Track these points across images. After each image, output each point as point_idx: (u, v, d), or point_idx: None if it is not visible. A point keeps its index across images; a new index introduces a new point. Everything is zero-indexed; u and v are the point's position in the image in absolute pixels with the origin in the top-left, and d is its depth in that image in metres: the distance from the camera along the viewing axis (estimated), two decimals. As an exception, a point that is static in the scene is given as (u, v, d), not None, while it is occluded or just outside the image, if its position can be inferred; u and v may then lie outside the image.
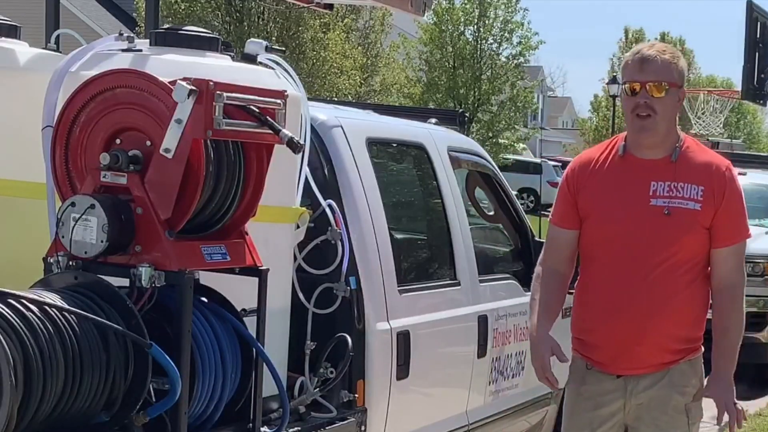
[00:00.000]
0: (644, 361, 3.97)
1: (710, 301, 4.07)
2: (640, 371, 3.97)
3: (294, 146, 3.57)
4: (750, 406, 10.13)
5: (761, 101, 17.20)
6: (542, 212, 19.23)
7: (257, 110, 3.54)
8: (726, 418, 3.89)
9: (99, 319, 3.15)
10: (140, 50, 4.01)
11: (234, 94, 3.46)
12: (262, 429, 3.74)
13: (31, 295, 3.08)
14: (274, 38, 24.18)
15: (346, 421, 4.60)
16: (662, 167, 3.96)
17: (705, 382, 4.07)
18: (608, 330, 3.99)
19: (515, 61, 33.59)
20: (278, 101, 3.62)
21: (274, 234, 4.18)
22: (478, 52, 33.39)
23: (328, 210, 4.60)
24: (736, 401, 3.93)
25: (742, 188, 4.06)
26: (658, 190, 3.93)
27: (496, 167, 6.47)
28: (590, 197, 4.03)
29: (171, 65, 3.80)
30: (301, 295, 4.51)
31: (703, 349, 4.09)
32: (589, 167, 4.08)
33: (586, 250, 4.08)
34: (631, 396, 3.99)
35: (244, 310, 3.73)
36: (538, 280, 4.17)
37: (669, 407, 3.97)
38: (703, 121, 31.79)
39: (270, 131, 3.55)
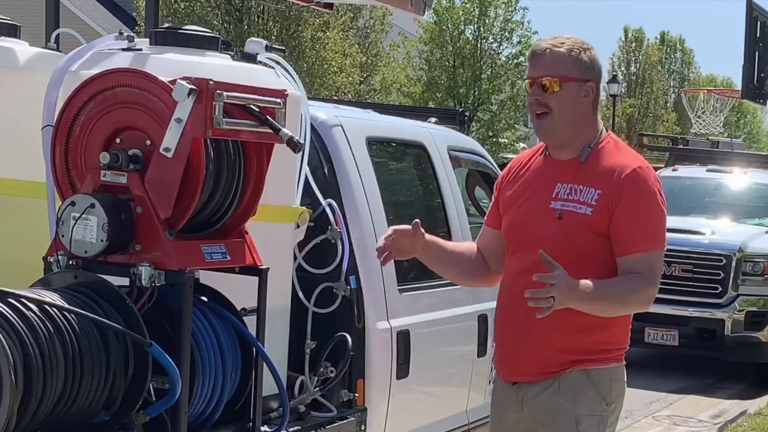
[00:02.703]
0: (528, 368, 3.70)
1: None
2: (527, 378, 3.71)
3: (294, 145, 3.57)
4: (750, 406, 10.13)
5: (761, 100, 17.20)
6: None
7: (257, 109, 3.54)
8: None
9: (99, 318, 3.15)
10: (140, 49, 4.01)
11: (234, 94, 3.45)
12: (262, 428, 3.74)
13: (31, 294, 3.07)
14: (273, 37, 24.19)
15: (346, 421, 4.61)
16: (569, 169, 3.69)
17: (610, 400, 3.71)
18: (501, 335, 3.82)
19: (515, 61, 33.59)
20: (278, 100, 3.62)
21: (274, 233, 4.18)
22: (478, 52, 33.40)
23: (328, 209, 4.60)
24: (556, 297, 3.36)
25: (657, 192, 3.65)
26: (560, 192, 3.67)
27: (496, 166, 6.47)
28: (507, 199, 3.85)
29: (171, 64, 3.80)
30: (301, 295, 4.51)
31: (616, 364, 3.72)
32: (515, 169, 3.89)
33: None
34: (523, 404, 3.73)
35: (244, 309, 3.72)
36: None
37: (556, 415, 3.66)
38: (703, 120, 31.80)
39: (270, 130, 3.55)
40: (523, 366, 3.73)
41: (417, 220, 3.75)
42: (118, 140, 3.47)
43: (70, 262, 3.41)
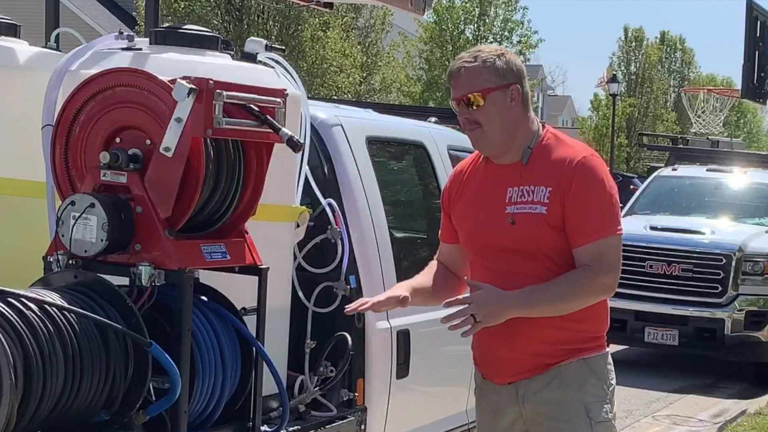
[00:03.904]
0: (524, 366, 3.70)
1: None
2: (525, 375, 3.70)
3: (294, 145, 3.57)
4: (750, 406, 10.13)
5: (761, 100, 17.20)
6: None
7: (257, 109, 3.54)
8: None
9: (99, 317, 3.15)
10: (140, 49, 4.01)
11: (234, 93, 3.45)
12: (261, 428, 3.74)
13: (30, 294, 3.07)
14: (273, 37, 24.20)
15: (345, 420, 4.61)
16: (515, 172, 3.69)
17: (608, 384, 3.75)
18: (481, 341, 3.82)
19: (515, 60, 33.58)
20: (278, 100, 3.62)
21: (274, 233, 4.18)
22: (478, 51, 33.35)
23: (327, 209, 4.60)
24: (480, 320, 3.51)
25: (603, 179, 3.64)
26: (513, 196, 3.66)
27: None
28: (461, 211, 3.85)
29: (171, 64, 3.80)
30: (301, 294, 4.51)
31: (606, 350, 3.77)
32: (460, 179, 3.87)
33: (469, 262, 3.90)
34: (524, 401, 3.71)
35: (244, 308, 3.72)
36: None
37: (564, 405, 3.66)
38: (703, 120, 31.83)
39: (270, 130, 3.55)
40: (509, 367, 3.74)
41: (407, 295, 3.81)
42: (118, 140, 3.47)
43: (70, 262, 3.41)
